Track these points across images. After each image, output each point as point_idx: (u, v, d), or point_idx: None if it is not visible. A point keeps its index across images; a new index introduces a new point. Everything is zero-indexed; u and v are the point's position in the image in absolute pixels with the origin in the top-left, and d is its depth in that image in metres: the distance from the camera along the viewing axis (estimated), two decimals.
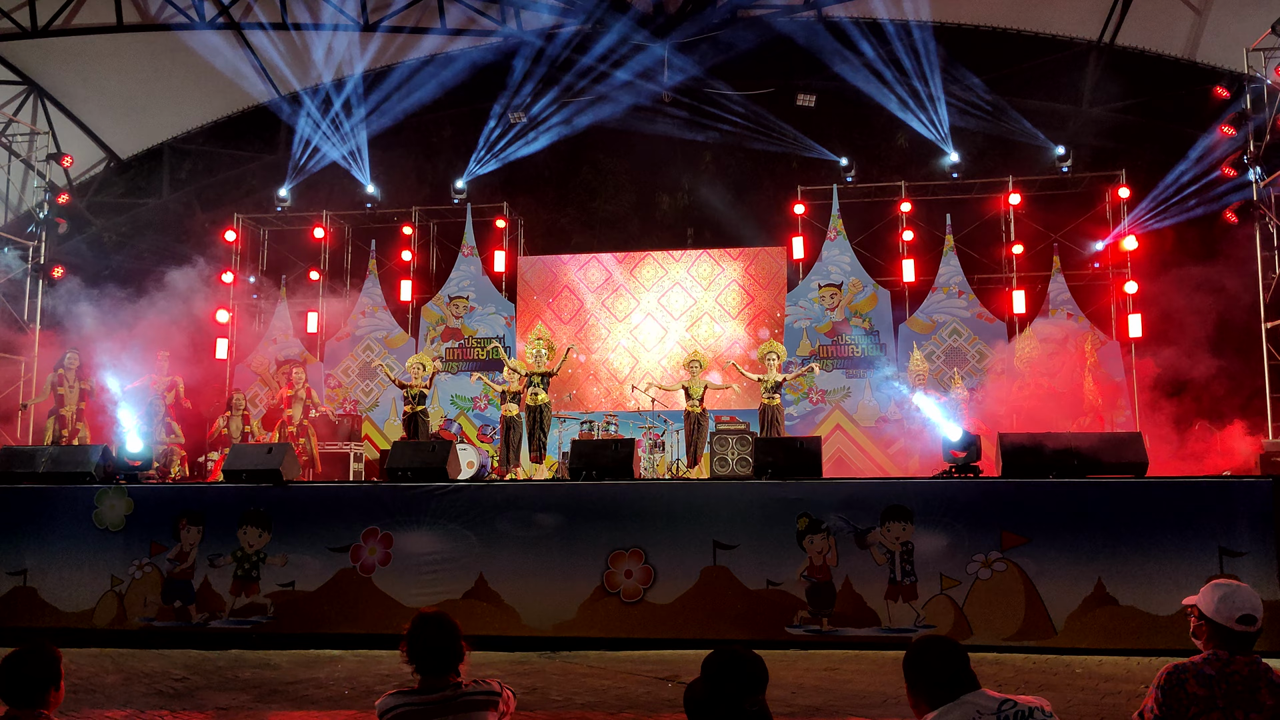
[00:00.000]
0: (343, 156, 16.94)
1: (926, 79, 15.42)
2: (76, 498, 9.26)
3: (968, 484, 8.49)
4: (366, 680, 7.22)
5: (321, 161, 16.98)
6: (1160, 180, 14.56)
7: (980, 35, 15.66)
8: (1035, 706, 2.71)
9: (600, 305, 16.42)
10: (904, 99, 15.47)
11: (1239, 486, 8.01)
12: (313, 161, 16.98)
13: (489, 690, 3.34)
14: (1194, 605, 3.28)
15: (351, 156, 16.95)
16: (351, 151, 16.93)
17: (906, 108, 15.48)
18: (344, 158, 16.94)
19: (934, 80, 15.44)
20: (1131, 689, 6.52)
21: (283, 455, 9.26)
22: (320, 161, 16.98)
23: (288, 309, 17.16)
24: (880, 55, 15.37)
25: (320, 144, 16.93)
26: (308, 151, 17.02)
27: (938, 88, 15.46)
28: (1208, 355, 13.49)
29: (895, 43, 15.30)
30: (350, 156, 16.95)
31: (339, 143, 16.92)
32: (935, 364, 14.84)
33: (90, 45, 15.32)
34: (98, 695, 6.82)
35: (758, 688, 2.73)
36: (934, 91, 15.44)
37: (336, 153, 16.93)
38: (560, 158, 17.45)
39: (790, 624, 8.18)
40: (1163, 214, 14.47)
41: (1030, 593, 7.92)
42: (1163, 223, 14.48)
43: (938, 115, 15.48)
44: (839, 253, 15.93)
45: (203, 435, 14.04)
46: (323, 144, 16.93)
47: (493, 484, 9.46)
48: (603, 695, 6.73)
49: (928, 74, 15.42)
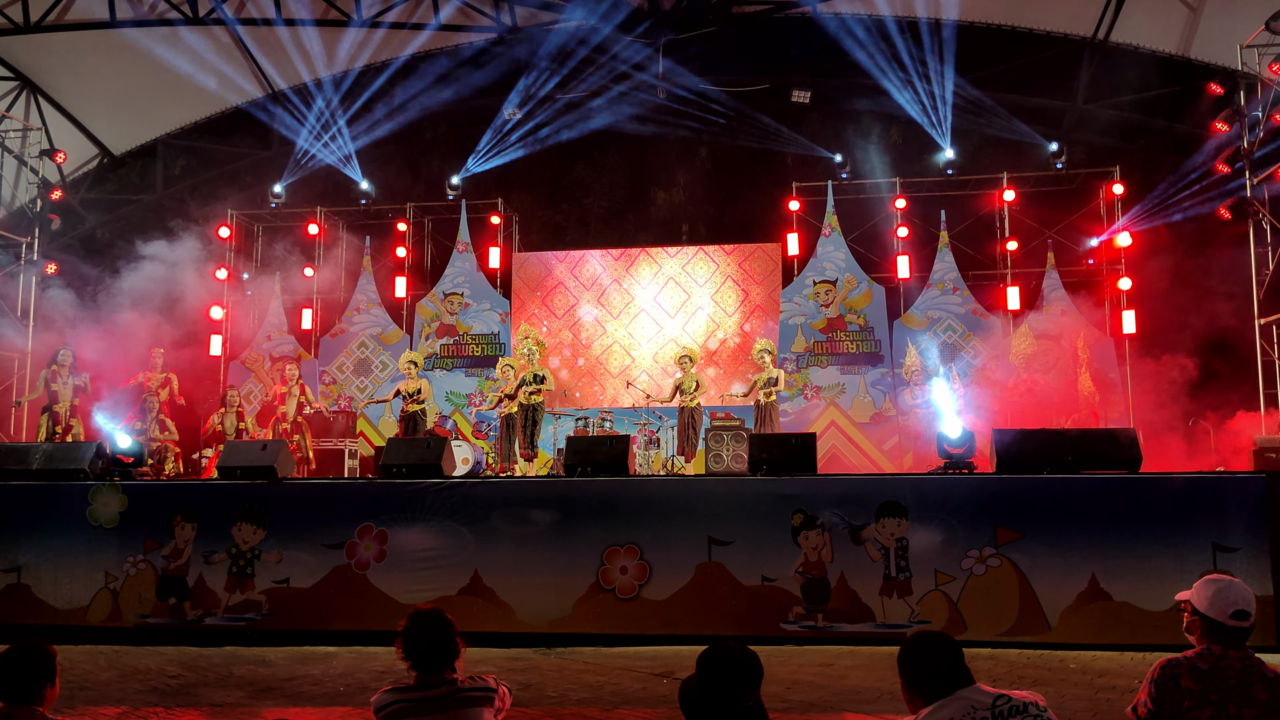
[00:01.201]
0: (337, 153, 16.90)
1: (921, 76, 15.43)
2: (70, 494, 9.24)
3: (962, 480, 8.51)
4: (362, 677, 7.21)
5: (316, 158, 16.94)
6: (1154, 177, 14.59)
7: (974, 32, 15.66)
8: (1029, 701, 2.72)
9: (595, 302, 16.41)
10: (898, 96, 15.47)
11: (1232, 482, 8.04)
12: (307, 158, 16.94)
13: (485, 687, 3.35)
14: (1187, 600, 3.29)
15: (345, 153, 16.91)
16: (345, 148, 16.89)
17: (901, 104, 15.48)
18: (338, 154, 16.90)
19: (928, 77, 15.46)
20: (1125, 684, 6.55)
21: (277, 452, 9.24)
22: (314, 158, 16.94)
23: (282, 305, 17.13)
24: (875, 52, 15.38)
25: (314, 140, 16.89)
26: (302, 148, 16.98)
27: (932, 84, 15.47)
28: (1201, 351, 13.55)
29: (889, 39, 15.31)
30: (344, 153, 16.90)
31: (333, 139, 16.88)
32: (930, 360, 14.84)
33: (83, 41, 15.28)
34: (92, 692, 6.81)
35: (753, 684, 2.74)
36: (928, 88, 15.45)
37: (330, 149, 16.89)
38: (555, 154, 17.42)
39: (785, 620, 8.20)
40: (1157, 211, 14.50)
41: (1025, 588, 7.94)
42: (1156, 220, 14.51)
43: (932, 112, 15.48)
44: (834, 249, 15.94)
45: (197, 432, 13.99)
46: (317, 140, 16.88)
47: (487, 480, 9.45)
48: (598, 691, 6.73)
49: (922, 71, 15.43)
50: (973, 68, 15.38)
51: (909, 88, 15.48)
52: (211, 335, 16.55)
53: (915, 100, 15.48)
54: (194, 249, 16.25)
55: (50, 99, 16.41)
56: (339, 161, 16.93)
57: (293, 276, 17.27)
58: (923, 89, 15.46)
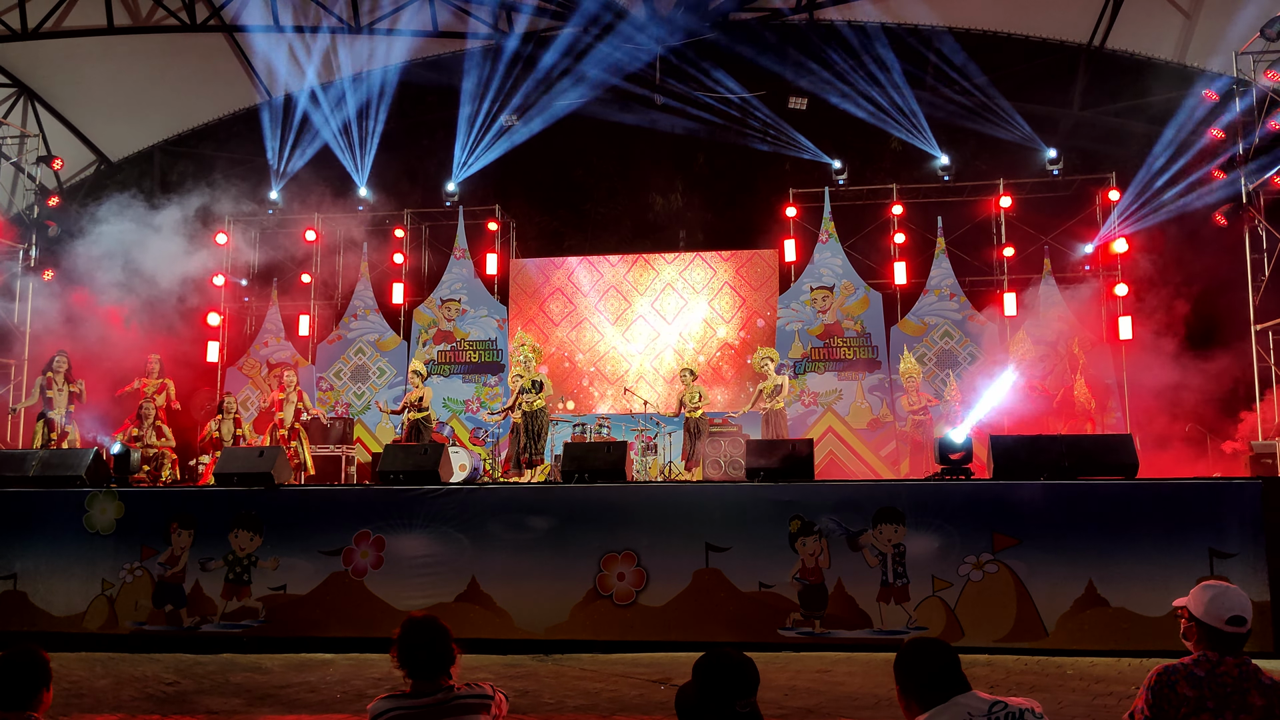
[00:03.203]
0: (334, 159, 16.90)
1: (918, 82, 15.47)
2: (66, 501, 9.22)
3: (959, 486, 8.51)
4: (359, 684, 7.19)
5: (313, 164, 16.94)
6: (1150, 183, 14.62)
7: (971, 38, 15.71)
8: (1026, 708, 2.72)
9: (592, 308, 16.42)
10: (896, 102, 15.51)
11: (1228, 488, 8.03)
12: (304, 164, 16.94)
13: (481, 693, 3.34)
14: (1184, 607, 3.29)
15: (343, 159, 16.91)
16: (343, 154, 16.89)
17: (898, 110, 15.52)
18: (335, 160, 16.90)
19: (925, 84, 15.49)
20: (1122, 690, 6.54)
21: (274, 458, 9.23)
22: (311, 164, 16.95)
23: (279, 312, 17.13)
24: (872, 58, 15.42)
25: (311, 147, 16.90)
26: (299, 154, 16.98)
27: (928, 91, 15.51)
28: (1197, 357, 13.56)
29: (887, 46, 15.35)
30: (341, 159, 16.91)
31: (330, 145, 16.88)
32: (927, 366, 14.86)
33: (81, 47, 15.29)
34: (88, 699, 6.79)
35: (749, 690, 2.73)
36: (924, 95, 15.49)
37: (328, 155, 16.89)
38: (552, 160, 17.45)
39: (782, 626, 8.18)
40: (1153, 217, 14.53)
41: (1022, 594, 7.93)
42: (1153, 226, 14.53)
43: (928, 118, 15.51)
44: (831, 255, 15.96)
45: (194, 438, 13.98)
46: (314, 147, 16.89)
47: (485, 487, 9.45)
48: (595, 698, 6.72)
49: (919, 77, 15.47)
50: (969, 74, 15.41)
51: (904, 94, 15.51)
52: (209, 341, 16.54)
53: (911, 107, 15.52)
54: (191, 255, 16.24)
55: (47, 106, 16.42)
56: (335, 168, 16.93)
57: (290, 283, 17.27)
58: (918, 96, 15.49)
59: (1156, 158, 14.43)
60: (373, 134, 16.98)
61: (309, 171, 17.04)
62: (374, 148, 17.16)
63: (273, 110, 17.15)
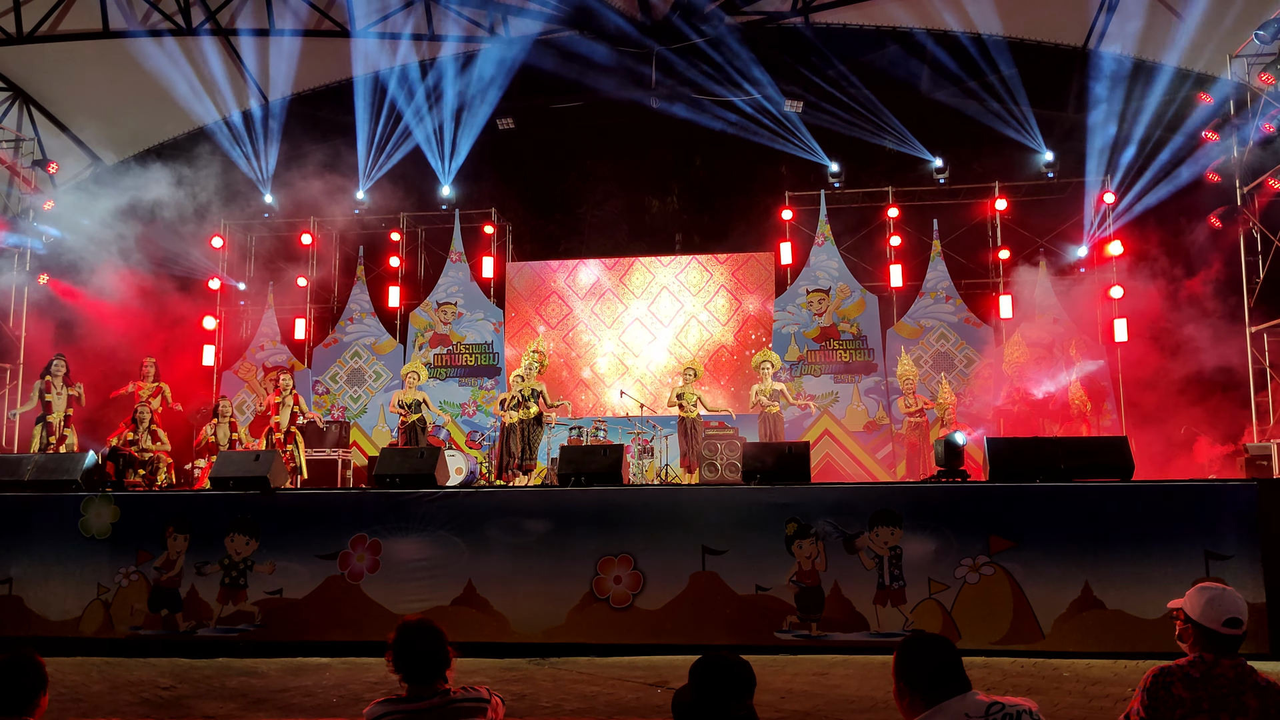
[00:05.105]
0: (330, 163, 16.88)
1: (914, 85, 15.48)
2: (62, 505, 9.21)
3: (955, 488, 8.52)
4: (355, 688, 7.19)
5: (308, 168, 16.92)
6: (1145, 186, 14.64)
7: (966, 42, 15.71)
8: (1023, 709, 2.72)
9: (589, 311, 16.42)
10: (891, 105, 15.52)
11: (1224, 490, 8.06)
12: (299, 168, 16.92)
13: (478, 697, 3.34)
14: (1180, 609, 3.30)
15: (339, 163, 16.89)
16: (339, 157, 16.87)
17: (894, 113, 15.53)
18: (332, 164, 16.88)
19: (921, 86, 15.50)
20: (1118, 692, 6.55)
21: (270, 462, 9.22)
22: (307, 168, 16.92)
23: (275, 315, 17.11)
24: (867, 61, 15.44)
25: (307, 151, 16.88)
26: (294, 158, 16.96)
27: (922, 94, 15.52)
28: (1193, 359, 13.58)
29: (882, 49, 15.36)
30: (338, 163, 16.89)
31: (327, 149, 16.87)
32: (923, 369, 14.87)
33: (76, 51, 15.25)
34: (84, 704, 6.78)
35: (746, 693, 2.73)
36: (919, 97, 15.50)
37: (324, 159, 16.87)
38: (548, 164, 17.44)
39: (779, 629, 8.19)
40: (1148, 219, 14.55)
41: (1018, 596, 7.94)
42: (1148, 228, 14.56)
43: (924, 121, 15.53)
44: (827, 258, 15.98)
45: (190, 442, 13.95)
46: (310, 151, 16.87)
47: (481, 490, 9.44)
48: (592, 701, 6.72)
49: (915, 80, 15.48)
50: (964, 76, 15.43)
51: (900, 97, 15.54)
52: (204, 345, 16.51)
53: (907, 110, 15.53)
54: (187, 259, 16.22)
55: (43, 110, 16.38)
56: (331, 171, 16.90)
57: (286, 286, 17.24)
58: (915, 99, 15.51)
59: (1151, 161, 14.46)
60: (368, 137, 16.94)
61: (304, 176, 16.99)
62: (368, 151, 17.12)
63: (268, 114, 17.12)
